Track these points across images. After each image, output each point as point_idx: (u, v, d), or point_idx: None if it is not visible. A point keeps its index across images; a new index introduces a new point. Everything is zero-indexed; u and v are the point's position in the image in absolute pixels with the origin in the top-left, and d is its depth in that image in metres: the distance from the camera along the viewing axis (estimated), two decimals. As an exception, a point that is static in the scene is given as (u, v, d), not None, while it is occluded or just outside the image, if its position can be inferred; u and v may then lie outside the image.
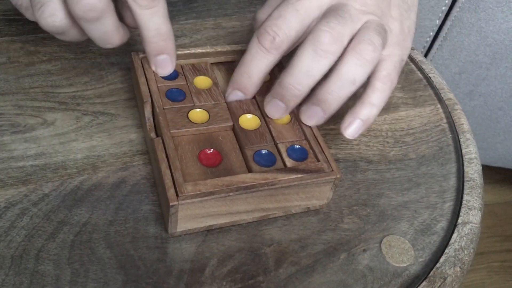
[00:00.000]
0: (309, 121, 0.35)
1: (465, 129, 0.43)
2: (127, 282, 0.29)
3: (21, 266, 0.29)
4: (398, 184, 0.38)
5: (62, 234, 0.31)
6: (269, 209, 0.33)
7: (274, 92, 0.35)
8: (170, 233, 0.31)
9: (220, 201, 0.30)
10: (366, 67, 0.33)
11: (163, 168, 0.30)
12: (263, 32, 0.34)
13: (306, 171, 0.32)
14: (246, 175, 0.31)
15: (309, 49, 0.33)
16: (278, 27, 0.33)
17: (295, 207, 0.34)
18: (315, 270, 0.32)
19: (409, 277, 0.32)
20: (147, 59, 0.36)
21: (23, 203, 0.32)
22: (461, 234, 0.35)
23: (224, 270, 0.31)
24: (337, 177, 0.32)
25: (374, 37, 0.33)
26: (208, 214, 0.31)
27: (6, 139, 0.35)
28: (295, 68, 0.33)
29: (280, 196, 0.32)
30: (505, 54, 0.79)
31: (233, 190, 0.30)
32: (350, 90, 0.34)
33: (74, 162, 0.35)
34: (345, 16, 0.33)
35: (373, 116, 0.35)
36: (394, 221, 0.35)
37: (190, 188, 0.29)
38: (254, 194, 0.31)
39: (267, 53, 0.34)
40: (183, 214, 0.30)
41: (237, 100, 0.36)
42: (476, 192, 0.37)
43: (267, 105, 0.35)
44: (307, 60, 0.33)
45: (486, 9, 0.73)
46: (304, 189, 0.32)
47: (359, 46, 0.33)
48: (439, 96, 0.46)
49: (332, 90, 0.33)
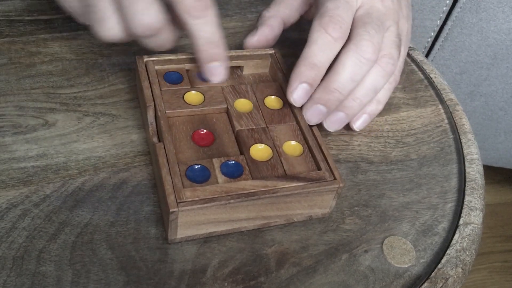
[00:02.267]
0: (332, 127, 0.37)
1: (466, 130, 0.42)
2: (128, 283, 0.29)
3: (22, 267, 0.29)
4: (399, 184, 0.38)
5: (64, 235, 0.31)
6: (271, 217, 0.32)
7: (316, 98, 0.36)
8: (170, 240, 0.31)
9: (220, 208, 0.30)
10: (386, 78, 0.37)
11: (164, 174, 0.30)
12: (330, 22, 0.35)
13: (307, 179, 0.31)
14: (246, 182, 0.31)
15: (353, 58, 0.35)
16: (341, 16, 0.35)
17: (297, 216, 0.33)
18: (317, 271, 0.32)
19: (410, 278, 0.32)
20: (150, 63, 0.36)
21: (24, 204, 0.32)
22: (462, 235, 0.34)
23: (225, 271, 0.31)
24: (339, 186, 0.32)
25: (394, 51, 0.37)
26: (209, 221, 0.31)
27: (7, 140, 0.35)
28: (340, 75, 0.35)
29: (282, 204, 0.32)
30: (506, 54, 0.79)
31: (233, 197, 0.30)
32: (371, 97, 0.38)
33: (75, 163, 0.35)
34: (379, 24, 0.37)
35: (378, 111, 0.40)
36: (395, 221, 0.35)
37: (189, 193, 0.29)
38: (255, 202, 0.31)
39: (335, 42, 0.35)
40: (183, 220, 0.30)
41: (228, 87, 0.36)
42: (477, 193, 0.37)
43: (307, 111, 0.36)
44: (351, 67, 0.35)
45: (487, 9, 0.73)
46: (306, 198, 0.32)
47: (382, 60, 0.37)
48: (440, 97, 0.46)
49: (357, 97, 0.37)
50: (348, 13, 0.36)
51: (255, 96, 0.37)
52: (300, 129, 0.35)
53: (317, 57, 0.35)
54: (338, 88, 0.35)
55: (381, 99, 0.40)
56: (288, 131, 0.35)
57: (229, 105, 0.36)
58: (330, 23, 0.35)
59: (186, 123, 0.35)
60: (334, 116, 0.37)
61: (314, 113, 0.36)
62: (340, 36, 0.35)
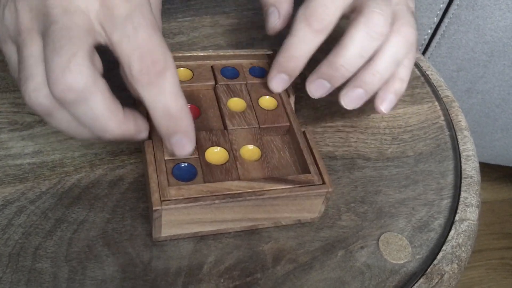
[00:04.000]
0: (351, 105, 0.35)
1: (463, 127, 0.43)
2: (125, 280, 0.29)
3: (18, 264, 0.29)
4: (395, 181, 0.38)
5: (60, 232, 0.31)
6: (258, 219, 0.32)
7: (320, 72, 0.34)
8: (154, 238, 0.31)
9: (205, 208, 0.30)
10: (407, 48, 0.34)
11: (150, 171, 0.30)
12: (312, 14, 0.33)
13: (295, 182, 0.31)
14: (232, 182, 0.30)
15: (363, 31, 0.32)
16: (326, 7, 0.33)
17: (285, 219, 0.33)
18: (313, 267, 0.32)
19: (406, 274, 0.32)
20: None
21: (20, 201, 0.32)
22: (458, 231, 0.35)
23: (221, 267, 0.31)
24: (328, 190, 0.31)
25: (412, 19, 0.35)
26: (193, 221, 0.30)
27: (3, 137, 0.35)
28: (348, 49, 0.33)
29: (269, 207, 0.31)
30: (503, 51, 0.79)
31: (218, 197, 0.29)
32: (393, 70, 0.34)
33: (71, 160, 0.35)
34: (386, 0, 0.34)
35: (403, 90, 0.36)
36: (391, 218, 0.35)
37: (173, 192, 0.29)
38: (241, 203, 0.30)
39: (316, 34, 0.33)
40: (167, 219, 0.29)
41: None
42: (473, 189, 0.37)
43: (310, 84, 0.35)
44: (360, 41, 0.33)
45: (484, 6, 0.73)
46: (294, 201, 0.31)
47: (403, 29, 0.34)
48: (437, 94, 0.46)
49: (377, 71, 0.34)
50: (335, 3, 0.33)
51: (249, 95, 0.37)
52: (292, 131, 0.34)
53: (296, 49, 0.34)
54: (344, 64, 0.33)
55: (403, 77, 0.36)
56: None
57: (222, 104, 0.35)
58: (312, 15, 0.33)
59: None
60: (353, 93, 0.34)
61: (317, 87, 0.34)
62: (321, 28, 0.33)
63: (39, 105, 0.27)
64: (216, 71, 0.38)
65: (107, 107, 0.27)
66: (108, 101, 0.27)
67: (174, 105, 0.28)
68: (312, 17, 0.33)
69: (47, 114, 0.28)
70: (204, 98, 0.36)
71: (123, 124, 0.28)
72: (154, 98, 0.27)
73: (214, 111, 0.35)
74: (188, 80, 0.36)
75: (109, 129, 0.27)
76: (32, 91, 0.26)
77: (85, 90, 0.26)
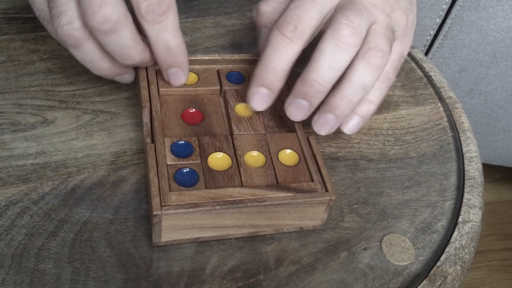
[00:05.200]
0: (322, 130, 0.35)
1: (466, 128, 0.42)
2: (128, 281, 0.29)
3: (21, 265, 0.29)
4: (398, 182, 0.38)
5: (63, 233, 0.31)
6: (259, 226, 0.32)
7: (296, 91, 0.34)
8: (154, 243, 0.31)
9: (206, 214, 0.29)
10: (375, 73, 0.34)
11: (151, 175, 0.30)
12: (284, 22, 0.33)
13: (298, 190, 0.31)
14: (234, 189, 0.30)
15: (330, 43, 0.32)
16: (298, 16, 0.33)
17: (287, 226, 0.33)
18: (316, 269, 0.32)
19: (409, 275, 0.32)
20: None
21: (23, 202, 0.32)
22: (461, 232, 0.35)
23: (224, 268, 0.31)
24: (331, 198, 0.31)
25: (383, 43, 0.34)
26: (194, 227, 0.30)
27: (6, 138, 0.35)
28: (318, 63, 0.33)
29: (271, 214, 0.31)
30: (506, 52, 0.79)
31: (219, 203, 0.29)
32: (361, 95, 0.34)
33: (74, 160, 0.35)
34: (361, 9, 0.34)
35: (371, 112, 0.36)
36: (394, 219, 0.35)
37: (174, 197, 0.29)
38: (242, 210, 0.30)
39: (290, 43, 0.33)
40: (167, 224, 0.29)
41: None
42: (476, 191, 0.37)
43: (288, 107, 0.34)
44: (329, 53, 0.32)
45: (487, 7, 0.73)
46: (296, 209, 0.31)
47: (369, 54, 0.33)
48: (440, 95, 0.46)
49: (344, 96, 0.34)
50: (311, 11, 0.33)
51: None
52: (297, 138, 0.34)
53: (272, 60, 0.33)
54: (317, 79, 0.33)
55: (372, 99, 0.36)
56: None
57: (230, 108, 0.35)
58: (284, 23, 0.33)
59: (178, 102, 0.35)
60: (322, 118, 0.34)
61: (295, 108, 0.34)
62: (296, 36, 0.33)
63: (71, 36, 0.31)
64: (222, 76, 0.37)
65: (133, 37, 0.32)
66: (134, 32, 0.32)
67: (173, 41, 0.33)
68: (284, 26, 0.33)
69: (75, 45, 0.32)
70: (208, 103, 0.36)
71: (143, 52, 0.33)
72: (157, 34, 0.32)
73: (218, 116, 0.35)
74: (194, 84, 0.36)
75: (132, 56, 0.33)
76: (65, 24, 0.31)
77: (119, 21, 0.30)
